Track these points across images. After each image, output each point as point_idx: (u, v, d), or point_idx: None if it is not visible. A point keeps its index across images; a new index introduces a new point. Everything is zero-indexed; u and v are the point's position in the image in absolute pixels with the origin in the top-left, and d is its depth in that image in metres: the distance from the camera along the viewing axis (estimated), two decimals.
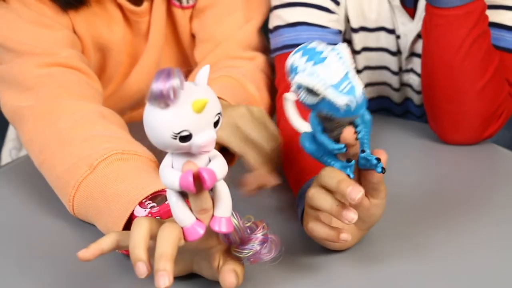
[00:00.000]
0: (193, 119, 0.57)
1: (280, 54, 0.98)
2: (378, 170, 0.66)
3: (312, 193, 0.68)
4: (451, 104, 0.93)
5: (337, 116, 0.61)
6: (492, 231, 0.78)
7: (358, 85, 0.60)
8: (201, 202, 0.62)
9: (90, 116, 0.86)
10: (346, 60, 0.61)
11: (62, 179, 0.81)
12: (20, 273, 0.75)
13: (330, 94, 0.60)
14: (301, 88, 0.62)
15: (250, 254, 0.66)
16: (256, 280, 0.70)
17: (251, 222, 0.67)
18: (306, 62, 0.61)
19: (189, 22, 1.01)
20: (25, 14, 0.91)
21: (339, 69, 0.60)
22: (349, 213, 0.66)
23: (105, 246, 0.65)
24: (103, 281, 0.73)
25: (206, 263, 0.69)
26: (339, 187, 0.65)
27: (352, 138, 0.65)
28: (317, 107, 0.62)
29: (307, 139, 0.68)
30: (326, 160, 0.68)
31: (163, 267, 0.60)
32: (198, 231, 0.63)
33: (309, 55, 0.61)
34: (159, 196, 0.75)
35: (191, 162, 0.60)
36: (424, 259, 0.73)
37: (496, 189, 0.87)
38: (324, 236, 0.69)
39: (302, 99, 0.63)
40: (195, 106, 0.57)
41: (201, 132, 0.58)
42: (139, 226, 0.63)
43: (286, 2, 0.98)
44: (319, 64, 0.60)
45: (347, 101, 0.60)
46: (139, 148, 0.83)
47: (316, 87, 0.60)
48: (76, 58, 0.92)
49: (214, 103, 0.59)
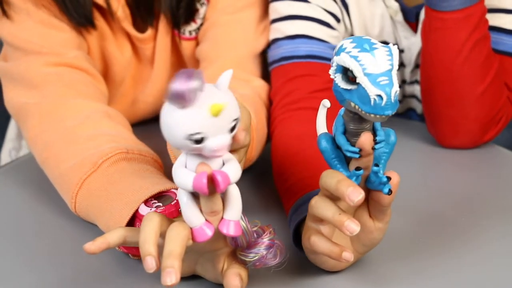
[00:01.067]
0: (208, 122, 0.57)
1: (277, 66, 0.96)
2: (385, 191, 0.64)
3: (315, 201, 0.66)
4: (451, 109, 0.93)
5: (363, 109, 0.60)
6: (494, 234, 0.78)
7: (396, 85, 0.60)
8: (212, 204, 0.62)
9: (96, 115, 0.86)
10: (393, 59, 0.60)
11: (66, 177, 0.81)
12: (20, 273, 0.74)
13: (365, 81, 0.59)
14: (339, 70, 0.61)
15: (256, 258, 0.66)
16: (259, 284, 0.70)
17: (257, 226, 0.67)
18: (354, 48, 0.61)
19: (194, 50, 1.01)
20: (34, 14, 0.91)
21: (383, 63, 0.60)
22: (352, 224, 0.62)
23: (112, 241, 0.64)
24: (103, 280, 0.72)
25: (210, 265, 0.68)
26: (339, 187, 0.62)
27: (369, 144, 0.63)
28: (348, 96, 0.61)
29: (324, 138, 0.67)
30: (335, 164, 0.67)
31: (171, 264, 0.59)
32: (206, 233, 0.62)
33: (358, 43, 0.61)
34: (163, 196, 0.74)
35: (205, 164, 0.60)
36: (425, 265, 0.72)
37: (497, 190, 0.87)
38: (326, 251, 0.66)
39: (336, 82, 0.62)
40: (213, 110, 0.57)
41: (215, 136, 0.58)
42: (150, 220, 0.62)
43: (285, 15, 0.97)
44: (366, 52, 0.60)
45: (379, 93, 0.59)
46: (144, 148, 0.83)
47: (355, 70, 0.60)
48: (82, 59, 0.93)
49: (233, 108, 0.59)
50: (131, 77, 1.02)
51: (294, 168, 0.80)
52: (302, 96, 0.91)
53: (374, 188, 0.65)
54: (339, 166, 0.66)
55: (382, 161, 0.65)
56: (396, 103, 0.60)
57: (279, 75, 0.96)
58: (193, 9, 0.98)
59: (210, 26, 0.98)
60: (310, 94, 0.91)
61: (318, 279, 0.71)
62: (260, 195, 0.87)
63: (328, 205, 0.65)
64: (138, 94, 1.03)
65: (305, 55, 0.95)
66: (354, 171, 0.64)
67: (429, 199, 0.85)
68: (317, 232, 0.67)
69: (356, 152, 0.64)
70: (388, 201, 0.65)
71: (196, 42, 1.00)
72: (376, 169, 0.64)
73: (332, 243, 0.66)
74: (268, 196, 0.86)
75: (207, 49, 0.97)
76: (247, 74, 0.96)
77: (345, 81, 0.61)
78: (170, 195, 0.74)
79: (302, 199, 0.74)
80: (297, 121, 0.89)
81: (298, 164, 0.80)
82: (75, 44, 0.94)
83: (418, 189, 0.85)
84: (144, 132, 0.93)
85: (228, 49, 0.97)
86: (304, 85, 0.92)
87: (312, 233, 0.67)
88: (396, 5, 0.96)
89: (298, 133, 0.86)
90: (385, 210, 0.66)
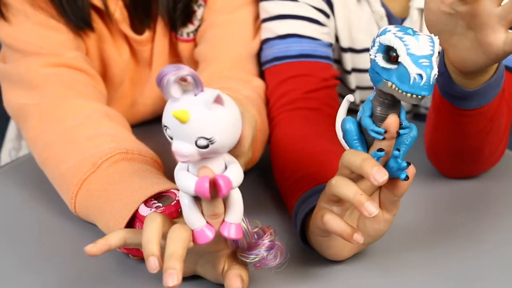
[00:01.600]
0: (174, 123, 0.58)
1: (270, 66, 0.96)
2: (402, 177, 0.65)
3: (336, 180, 0.66)
4: (462, 164, 0.89)
5: (401, 88, 0.62)
6: (495, 231, 0.79)
7: (435, 69, 0.61)
8: (213, 208, 0.62)
9: (95, 115, 0.86)
10: (435, 47, 0.62)
11: (65, 177, 0.81)
12: (20, 273, 0.74)
13: (407, 60, 0.61)
14: (380, 50, 0.63)
15: (257, 259, 0.66)
16: (260, 285, 0.70)
17: (258, 227, 0.67)
18: (399, 31, 0.63)
19: (192, 52, 1.01)
20: (32, 15, 0.92)
21: (426, 47, 0.62)
22: (371, 206, 0.63)
23: (113, 242, 0.65)
24: (103, 280, 0.72)
25: (210, 266, 0.68)
26: (363, 166, 0.63)
27: (395, 127, 0.64)
28: (387, 75, 0.63)
29: (349, 120, 0.68)
30: (356, 146, 0.67)
31: (173, 266, 0.59)
32: (208, 235, 0.63)
33: (403, 28, 0.63)
34: (163, 196, 0.75)
35: (208, 167, 0.60)
36: (428, 265, 0.73)
37: (497, 190, 0.87)
38: (339, 229, 0.66)
39: (376, 62, 0.63)
40: (175, 113, 0.58)
41: (178, 139, 0.59)
42: (153, 221, 0.63)
43: (275, 15, 0.97)
44: (410, 35, 0.62)
45: (420, 72, 0.61)
46: (143, 149, 0.83)
47: (399, 49, 0.61)
48: (81, 60, 0.93)
49: (205, 127, 0.58)
50: (130, 79, 1.02)
51: (297, 166, 0.80)
52: (297, 97, 0.92)
53: (391, 175, 0.65)
54: (360, 148, 0.67)
55: (402, 147, 0.66)
56: (433, 87, 0.62)
57: (273, 75, 0.96)
58: (190, 11, 0.98)
59: (208, 27, 0.98)
60: (305, 94, 0.92)
61: (319, 279, 0.71)
62: (259, 195, 0.87)
63: (350, 185, 0.65)
64: (137, 96, 1.03)
65: (297, 55, 0.95)
66: (376, 152, 0.65)
67: (430, 196, 0.86)
68: (330, 211, 0.68)
69: (381, 133, 0.65)
70: (403, 190, 0.66)
71: (194, 44, 1.00)
72: (397, 154, 0.65)
73: (345, 222, 0.67)
74: (267, 196, 0.87)
75: (205, 50, 0.97)
76: (247, 74, 0.96)
77: (386, 61, 0.63)
78: (170, 195, 0.74)
79: (310, 191, 0.75)
80: (296, 121, 0.89)
81: (301, 162, 0.80)
82: (74, 45, 0.94)
83: (420, 186, 0.86)
84: (143, 132, 0.94)
85: (227, 49, 0.97)
86: (299, 85, 0.93)
87: (325, 212, 0.67)
88: (382, 11, 0.96)
89: (298, 132, 0.87)
90: (396, 201, 0.67)
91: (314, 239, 0.71)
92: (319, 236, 0.70)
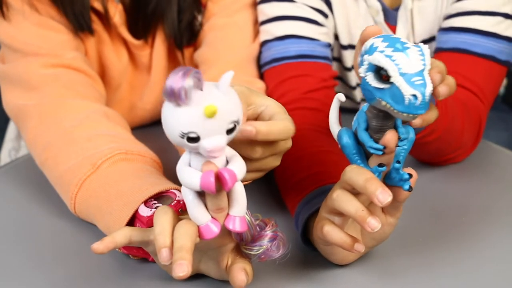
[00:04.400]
0: (202, 123, 0.57)
1: (269, 68, 0.97)
2: (406, 187, 0.64)
3: (337, 194, 0.66)
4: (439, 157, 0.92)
5: (395, 108, 0.60)
6: (496, 232, 0.79)
7: (429, 85, 0.60)
8: (218, 202, 0.62)
9: (94, 115, 0.87)
10: (426, 58, 0.60)
11: (65, 177, 0.81)
12: (19, 273, 0.75)
13: (400, 81, 0.59)
14: (371, 69, 0.61)
15: (261, 251, 0.66)
16: (264, 278, 0.70)
17: (259, 219, 0.67)
18: (387, 47, 0.61)
19: (192, 57, 1.01)
20: (31, 16, 0.92)
21: (417, 63, 0.60)
22: (374, 221, 0.63)
23: (118, 240, 0.65)
24: (103, 280, 0.73)
25: (214, 262, 0.69)
26: (367, 187, 0.62)
27: (394, 142, 0.64)
28: (380, 94, 0.61)
29: (346, 133, 0.67)
30: (356, 159, 0.67)
31: (183, 257, 0.60)
32: (213, 230, 0.63)
33: (391, 42, 0.61)
34: (163, 196, 0.75)
35: (211, 162, 0.60)
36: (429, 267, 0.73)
37: (497, 190, 0.87)
38: (339, 241, 0.67)
39: (367, 81, 0.62)
40: (207, 111, 0.56)
41: (210, 136, 0.58)
42: (165, 213, 0.64)
43: (273, 17, 0.97)
44: (399, 52, 0.60)
45: (414, 93, 0.59)
46: (143, 149, 0.83)
47: (390, 70, 0.59)
48: (80, 61, 0.93)
49: (231, 109, 0.58)
50: (128, 83, 1.02)
51: (299, 165, 0.80)
52: (297, 97, 0.92)
53: (393, 184, 0.65)
54: (360, 161, 0.67)
55: (401, 158, 0.65)
56: (428, 103, 0.60)
57: (272, 76, 0.96)
58: (194, 29, 0.98)
59: (208, 31, 0.98)
60: (304, 94, 0.92)
61: (323, 274, 0.72)
62: (259, 191, 0.88)
63: (351, 200, 0.65)
64: (135, 101, 1.03)
65: (296, 55, 0.95)
66: (376, 167, 0.65)
67: (432, 198, 0.86)
68: (330, 222, 0.68)
69: (381, 149, 0.64)
70: (405, 197, 0.66)
71: (194, 48, 1.00)
72: (398, 166, 0.65)
73: (345, 233, 0.67)
74: (266, 191, 0.87)
75: (205, 53, 0.97)
76: (248, 76, 0.96)
77: (377, 80, 0.61)
78: (170, 195, 0.75)
79: (314, 192, 0.75)
80: (295, 121, 0.89)
81: (303, 161, 0.80)
82: (73, 46, 0.94)
83: (422, 188, 0.86)
84: (143, 132, 0.94)
85: (228, 51, 0.97)
86: (298, 86, 0.93)
87: (325, 223, 0.68)
88: (377, 5, 0.97)
89: (299, 132, 0.87)
90: (398, 206, 0.67)
91: (318, 246, 0.72)
92: (322, 245, 0.71)
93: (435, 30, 0.98)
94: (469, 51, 0.92)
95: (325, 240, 0.68)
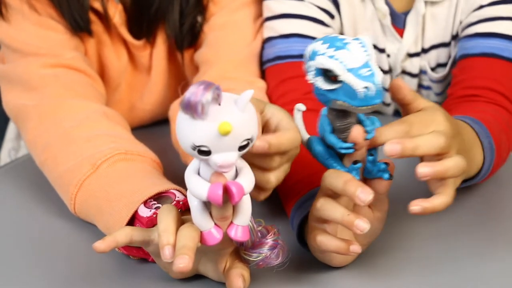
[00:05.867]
0: (215, 138, 0.57)
1: (272, 65, 0.96)
2: (386, 177, 0.65)
3: (321, 204, 0.66)
4: None
5: (352, 104, 0.61)
6: (496, 232, 0.79)
7: (378, 72, 0.60)
8: (223, 211, 0.62)
9: (94, 115, 0.87)
10: (368, 49, 0.61)
11: (65, 178, 0.81)
12: (19, 273, 0.75)
13: (349, 77, 0.60)
14: (318, 74, 0.62)
15: (260, 258, 0.66)
16: (261, 284, 0.70)
17: (262, 226, 0.67)
18: (328, 48, 0.61)
19: (192, 58, 1.01)
20: (31, 16, 0.92)
21: (360, 55, 0.60)
22: (361, 222, 0.63)
23: (120, 239, 0.66)
24: (103, 280, 0.73)
25: (213, 264, 0.69)
26: (346, 189, 0.63)
27: (361, 137, 0.64)
28: (333, 95, 0.62)
29: (314, 141, 0.68)
30: (331, 163, 0.67)
31: (185, 252, 0.61)
32: (215, 237, 0.63)
33: (330, 42, 0.62)
34: (162, 197, 0.75)
35: (221, 174, 0.60)
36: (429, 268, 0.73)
37: (498, 190, 0.87)
38: (334, 248, 0.67)
39: (318, 86, 0.62)
40: (221, 128, 0.56)
41: (221, 152, 0.58)
42: (170, 211, 0.65)
43: (279, 14, 0.97)
44: (340, 49, 0.61)
45: (366, 85, 0.60)
46: (142, 149, 0.83)
47: (336, 69, 0.60)
48: (80, 60, 0.93)
49: (246, 128, 0.58)
50: (127, 84, 1.02)
51: (294, 168, 0.80)
52: (297, 98, 0.91)
53: (373, 177, 0.66)
54: (335, 164, 0.67)
55: (373, 150, 0.66)
56: (382, 91, 0.61)
57: (274, 74, 0.96)
58: (195, 32, 0.98)
59: (208, 31, 0.98)
60: (304, 95, 0.92)
61: (320, 278, 0.72)
62: None
63: (335, 207, 0.65)
64: (135, 101, 1.03)
65: (299, 55, 0.94)
66: (352, 166, 0.65)
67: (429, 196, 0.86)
68: (322, 232, 0.68)
69: (350, 147, 0.65)
70: (386, 188, 0.66)
71: (194, 49, 1.00)
72: (372, 158, 0.65)
73: (339, 239, 0.67)
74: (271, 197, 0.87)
75: (206, 53, 0.97)
76: (249, 75, 0.96)
77: (328, 82, 0.62)
78: (169, 195, 0.75)
79: (305, 196, 0.75)
80: None
81: (298, 164, 0.80)
82: (73, 45, 0.94)
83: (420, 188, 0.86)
84: (143, 133, 0.94)
85: (228, 50, 0.96)
86: (299, 86, 0.92)
87: (317, 233, 0.68)
88: (385, 8, 0.96)
89: None
90: (383, 198, 0.67)
91: (315, 255, 0.72)
92: (318, 253, 0.71)
93: (444, 37, 0.97)
94: (498, 55, 0.92)
95: (320, 249, 0.68)
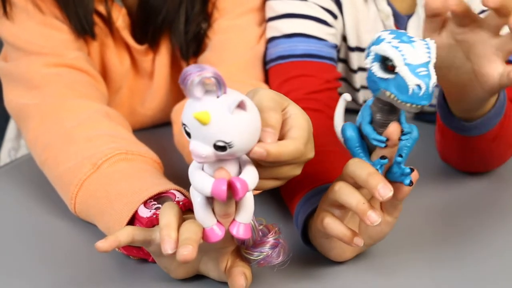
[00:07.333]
0: (193, 123, 0.57)
1: (275, 65, 0.96)
2: (407, 182, 0.65)
3: (339, 187, 0.66)
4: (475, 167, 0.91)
5: (399, 99, 0.61)
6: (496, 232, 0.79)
7: (433, 77, 0.61)
8: (226, 208, 0.62)
9: (95, 115, 0.86)
10: (431, 52, 0.61)
11: (65, 178, 0.81)
12: (19, 273, 0.75)
13: (405, 71, 0.60)
14: (377, 59, 0.62)
15: (261, 257, 0.66)
16: (262, 284, 0.70)
17: (263, 225, 0.67)
18: (393, 39, 0.62)
19: (195, 63, 1.00)
20: (35, 15, 0.92)
21: (422, 55, 0.61)
22: (374, 214, 0.63)
23: (122, 238, 0.66)
24: (103, 280, 0.72)
25: (214, 263, 0.69)
26: (369, 180, 0.63)
27: (397, 134, 0.64)
28: (384, 85, 0.62)
29: (350, 127, 0.68)
30: (358, 152, 0.68)
31: (189, 243, 0.61)
32: (217, 234, 0.63)
33: (398, 34, 0.62)
34: (162, 197, 0.75)
35: (225, 169, 0.60)
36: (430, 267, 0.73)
37: (498, 190, 0.87)
38: (339, 233, 0.67)
39: (372, 72, 0.63)
40: (196, 115, 0.57)
41: (196, 139, 0.58)
42: (172, 208, 0.65)
43: (282, 14, 0.97)
44: (405, 43, 0.61)
45: (418, 83, 0.60)
46: (143, 149, 0.83)
47: (395, 59, 0.61)
48: (83, 60, 0.93)
49: (227, 130, 0.57)
50: (128, 88, 1.01)
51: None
52: (299, 97, 0.91)
53: (394, 180, 0.66)
54: (362, 155, 0.68)
55: (403, 153, 0.66)
56: (432, 95, 0.61)
57: (277, 74, 0.96)
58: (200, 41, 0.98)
59: (211, 35, 0.97)
60: (307, 95, 0.92)
61: (321, 277, 0.72)
62: (266, 194, 0.87)
63: (353, 193, 0.66)
64: (135, 106, 1.03)
65: (302, 54, 0.95)
66: (379, 160, 0.66)
67: (433, 197, 0.86)
68: (330, 215, 0.68)
69: (383, 141, 0.65)
70: (405, 194, 0.66)
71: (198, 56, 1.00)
72: (400, 160, 0.65)
73: (345, 226, 0.67)
74: (270, 193, 0.87)
75: (209, 57, 0.97)
76: (253, 79, 0.96)
77: (383, 70, 0.62)
78: (169, 196, 0.74)
79: (313, 191, 0.75)
80: None
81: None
82: (76, 45, 0.94)
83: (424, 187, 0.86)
84: (144, 133, 0.94)
85: (231, 54, 0.96)
86: (301, 86, 0.93)
87: (325, 215, 0.68)
88: (388, 10, 0.96)
89: None
90: (397, 204, 0.67)
91: (316, 241, 0.72)
92: (321, 238, 0.71)
93: None
94: None
95: (324, 232, 0.68)
